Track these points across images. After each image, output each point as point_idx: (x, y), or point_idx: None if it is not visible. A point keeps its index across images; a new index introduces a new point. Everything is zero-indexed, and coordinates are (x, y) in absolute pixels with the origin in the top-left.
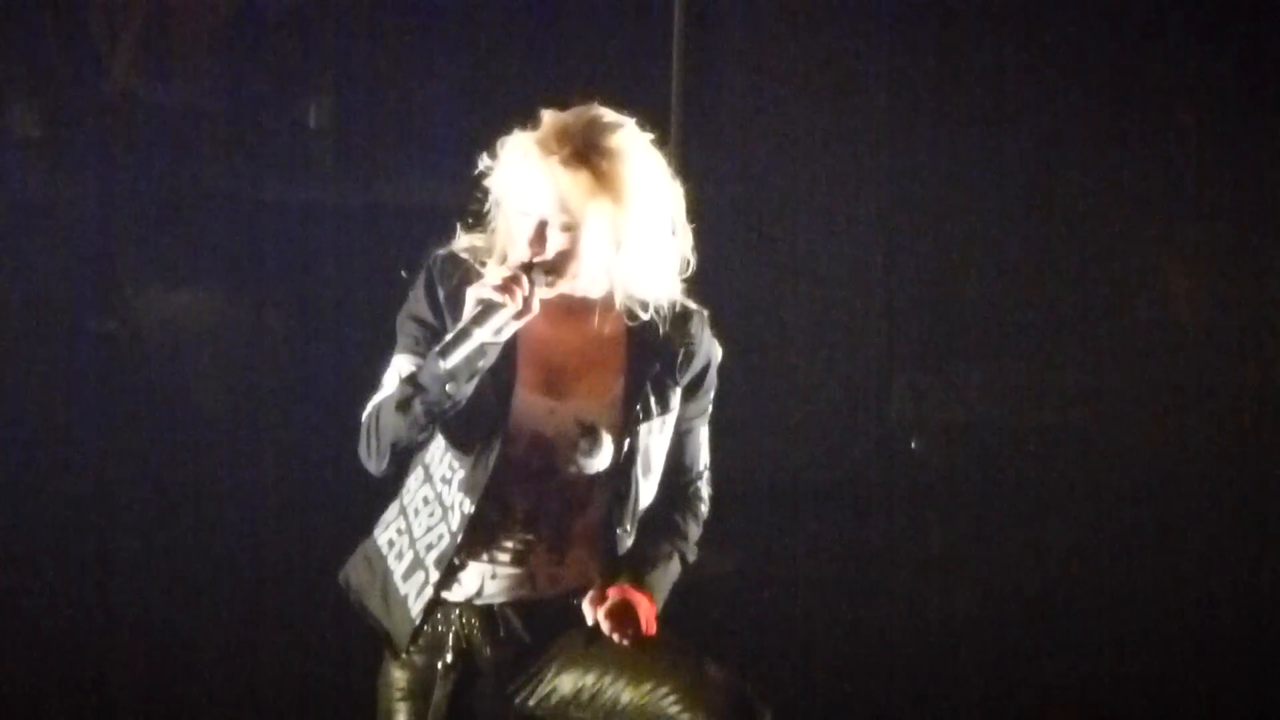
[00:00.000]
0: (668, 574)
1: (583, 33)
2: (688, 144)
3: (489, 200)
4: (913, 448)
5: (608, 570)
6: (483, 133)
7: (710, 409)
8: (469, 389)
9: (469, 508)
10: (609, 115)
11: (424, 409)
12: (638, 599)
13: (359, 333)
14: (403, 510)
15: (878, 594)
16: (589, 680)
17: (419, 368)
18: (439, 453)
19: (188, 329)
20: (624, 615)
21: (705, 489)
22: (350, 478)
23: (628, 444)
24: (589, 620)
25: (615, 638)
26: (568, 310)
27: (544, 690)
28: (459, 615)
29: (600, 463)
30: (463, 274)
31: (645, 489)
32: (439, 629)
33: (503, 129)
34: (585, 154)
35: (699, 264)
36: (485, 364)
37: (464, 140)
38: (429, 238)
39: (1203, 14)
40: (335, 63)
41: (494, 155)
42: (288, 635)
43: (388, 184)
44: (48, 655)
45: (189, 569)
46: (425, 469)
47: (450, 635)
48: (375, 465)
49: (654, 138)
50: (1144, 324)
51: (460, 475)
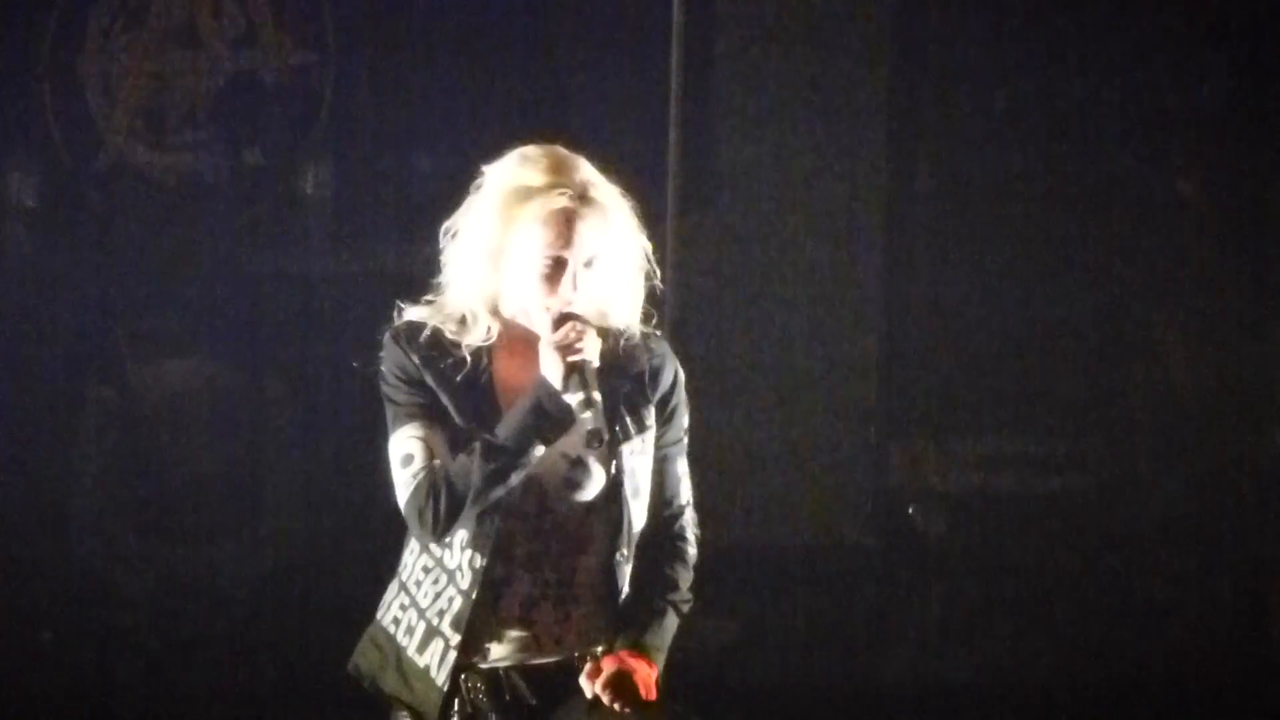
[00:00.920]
0: (663, 632)
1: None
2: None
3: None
4: (910, 516)
5: (610, 625)
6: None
7: (685, 439)
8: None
9: (480, 562)
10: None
11: (513, 472)
12: (634, 666)
13: (354, 399)
14: (403, 586)
15: (875, 662)
16: None
17: (514, 438)
18: None
19: (185, 397)
20: (621, 685)
21: (690, 528)
22: (350, 544)
23: (614, 467)
24: (587, 694)
25: (616, 708)
26: (532, 343)
27: None
28: (465, 680)
29: (591, 492)
30: (431, 339)
31: (637, 510)
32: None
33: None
34: (591, 193)
35: (695, 329)
36: None
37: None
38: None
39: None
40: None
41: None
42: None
43: (383, 251)
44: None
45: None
46: (420, 539)
47: (456, 701)
48: (444, 529)
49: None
50: (1141, 394)
51: (460, 535)
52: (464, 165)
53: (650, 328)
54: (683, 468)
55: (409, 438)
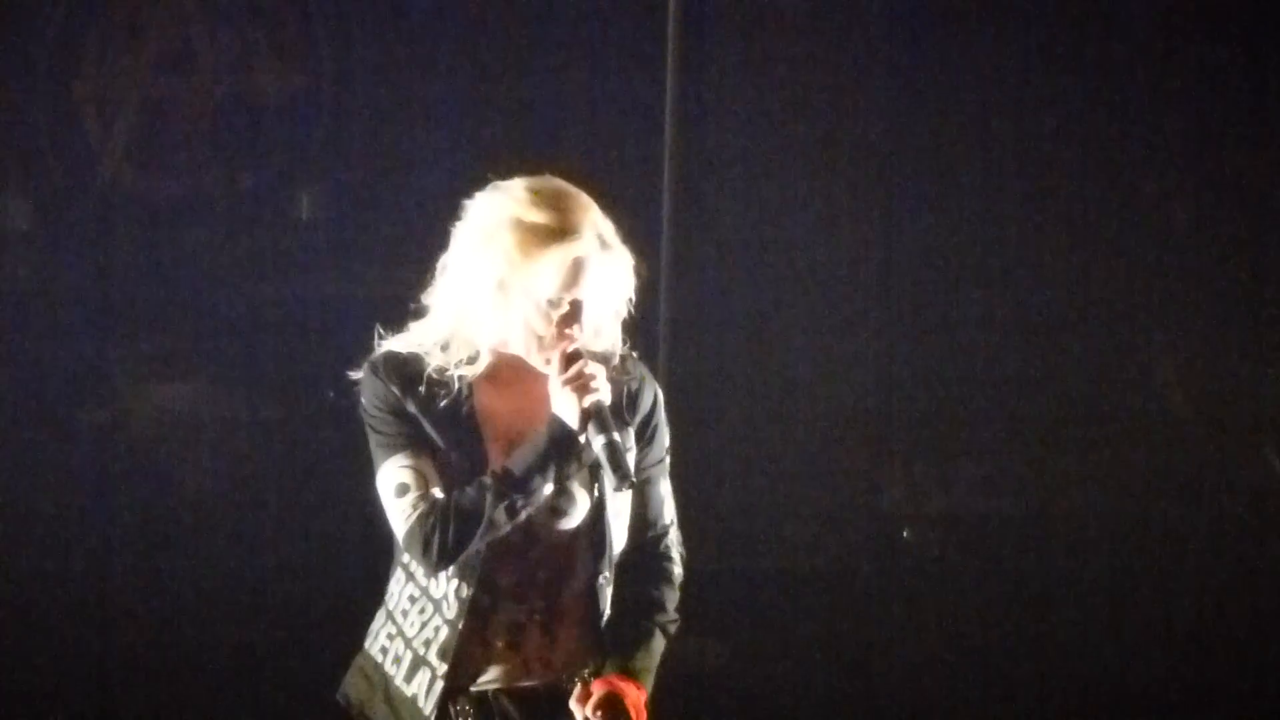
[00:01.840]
0: (652, 654)
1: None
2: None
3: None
4: (905, 538)
5: (596, 647)
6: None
7: (668, 459)
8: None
9: (466, 592)
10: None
11: (525, 509)
12: (624, 689)
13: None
14: (389, 616)
15: (869, 683)
16: None
17: (527, 475)
18: None
19: (181, 420)
20: (612, 708)
21: (676, 548)
22: (345, 570)
23: (597, 491)
24: (578, 718)
25: None
26: (517, 372)
27: None
28: (454, 703)
29: (576, 519)
30: (410, 368)
31: (617, 531)
32: None
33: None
34: (606, 238)
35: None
36: None
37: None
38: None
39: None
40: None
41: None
42: None
43: (378, 275)
44: None
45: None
46: (405, 569)
47: None
48: (451, 560)
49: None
50: (1137, 416)
51: None
52: (460, 189)
53: (626, 350)
54: (666, 488)
55: (400, 467)
